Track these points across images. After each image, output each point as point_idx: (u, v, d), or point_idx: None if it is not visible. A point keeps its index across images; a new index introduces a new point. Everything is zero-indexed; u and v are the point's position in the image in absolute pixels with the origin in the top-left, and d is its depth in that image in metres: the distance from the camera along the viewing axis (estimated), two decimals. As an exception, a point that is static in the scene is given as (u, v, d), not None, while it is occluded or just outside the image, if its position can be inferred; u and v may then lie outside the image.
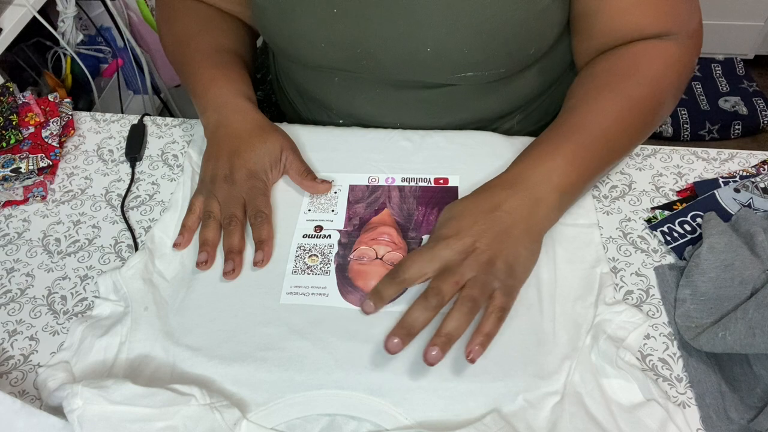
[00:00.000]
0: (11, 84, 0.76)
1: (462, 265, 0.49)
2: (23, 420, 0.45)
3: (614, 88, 0.58)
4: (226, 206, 0.60)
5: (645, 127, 0.59)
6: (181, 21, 0.72)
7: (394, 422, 0.48)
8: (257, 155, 0.62)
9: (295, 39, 0.64)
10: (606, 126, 0.56)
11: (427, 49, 0.59)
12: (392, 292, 0.51)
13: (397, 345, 0.47)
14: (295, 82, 0.76)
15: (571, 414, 0.48)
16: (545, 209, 0.53)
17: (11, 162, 0.69)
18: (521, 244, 0.51)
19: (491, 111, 0.70)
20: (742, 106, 1.78)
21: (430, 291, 0.48)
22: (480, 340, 0.47)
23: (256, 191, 0.60)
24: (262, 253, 0.57)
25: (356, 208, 0.63)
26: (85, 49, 1.41)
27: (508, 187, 0.54)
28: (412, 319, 0.48)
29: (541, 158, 0.55)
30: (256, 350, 0.52)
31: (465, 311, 0.47)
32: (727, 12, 1.76)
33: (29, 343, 0.56)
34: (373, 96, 0.69)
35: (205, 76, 0.67)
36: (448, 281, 0.48)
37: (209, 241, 0.58)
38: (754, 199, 0.59)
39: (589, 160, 0.55)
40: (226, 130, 0.63)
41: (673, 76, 0.59)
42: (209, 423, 0.46)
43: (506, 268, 0.50)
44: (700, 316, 0.52)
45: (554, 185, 0.54)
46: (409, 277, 0.50)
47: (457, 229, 0.51)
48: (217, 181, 0.61)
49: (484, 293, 0.48)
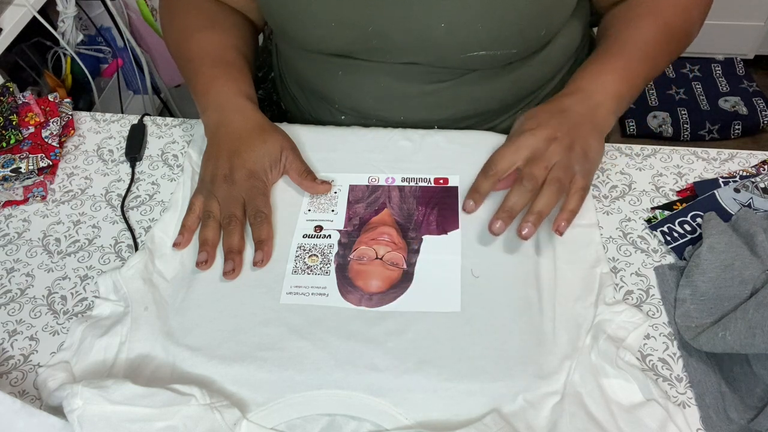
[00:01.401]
0: (11, 84, 0.76)
1: (548, 151, 0.56)
2: (23, 420, 0.45)
3: (649, 16, 0.65)
4: (225, 206, 0.60)
5: (678, 49, 0.67)
6: (184, 16, 0.72)
7: (394, 422, 0.48)
8: (257, 155, 0.62)
9: (304, 20, 0.63)
10: (648, 46, 0.64)
11: (440, 26, 0.59)
12: (489, 186, 0.57)
13: (501, 227, 0.54)
14: (298, 76, 0.76)
15: (571, 414, 0.48)
16: (604, 112, 0.61)
17: (11, 162, 0.69)
18: (591, 136, 0.59)
19: (493, 103, 0.70)
20: (742, 106, 1.78)
21: (525, 176, 0.55)
22: (566, 216, 0.54)
23: (256, 191, 0.60)
24: (261, 252, 0.57)
25: (356, 208, 0.63)
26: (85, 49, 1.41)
27: (572, 95, 0.61)
28: (512, 203, 0.54)
29: (597, 72, 0.63)
30: (256, 350, 0.52)
31: (554, 190, 0.54)
32: (727, 12, 1.76)
33: (29, 343, 0.56)
34: (376, 89, 0.69)
35: (207, 74, 0.66)
36: (539, 166, 0.55)
37: (209, 241, 0.58)
38: (754, 199, 0.59)
39: (636, 73, 0.63)
40: (226, 130, 0.64)
41: (698, 7, 0.68)
42: (209, 423, 0.46)
43: (583, 153, 0.57)
44: (700, 316, 0.52)
45: (610, 94, 0.61)
46: (501, 168, 0.57)
47: (537, 123, 0.59)
48: (216, 180, 0.61)
49: (567, 175, 0.55)
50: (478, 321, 0.53)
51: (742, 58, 1.90)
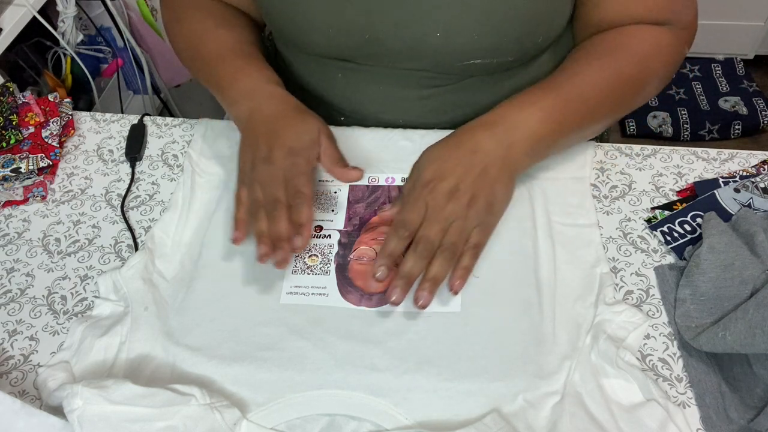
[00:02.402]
0: (11, 84, 0.76)
1: (446, 210, 0.54)
2: (23, 420, 0.45)
3: (604, 60, 0.61)
4: (267, 189, 0.57)
5: (626, 101, 0.62)
6: (192, 19, 0.71)
7: (394, 422, 0.48)
8: (296, 132, 0.59)
9: (302, 25, 0.63)
10: (587, 91, 0.59)
11: (437, 34, 0.59)
12: (402, 247, 0.54)
13: (400, 295, 0.51)
14: (297, 78, 0.76)
15: (571, 414, 0.48)
16: (518, 152, 0.57)
17: (11, 162, 0.69)
18: (498, 182, 0.56)
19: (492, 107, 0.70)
20: (742, 106, 1.78)
21: (420, 241, 0.53)
22: (460, 274, 0.52)
23: (297, 169, 0.57)
24: (300, 237, 0.54)
25: (356, 208, 0.63)
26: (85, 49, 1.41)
27: (487, 128, 0.57)
28: (408, 269, 0.52)
29: (521, 106, 0.58)
30: (256, 350, 0.52)
31: (447, 257, 0.52)
32: (727, 12, 1.76)
33: (29, 343, 0.56)
34: (375, 93, 0.69)
35: (231, 67, 0.65)
36: (435, 229, 0.53)
37: (263, 232, 0.55)
38: (754, 199, 0.59)
39: (567, 117, 0.59)
40: (261, 115, 0.61)
41: (661, 59, 0.62)
42: (209, 423, 0.46)
43: (486, 206, 0.55)
44: (700, 316, 0.52)
45: (530, 132, 0.57)
46: (413, 228, 0.54)
47: (441, 171, 0.55)
48: (257, 164, 0.58)
49: (462, 237, 0.53)
50: (478, 321, 0.53)
51: (742, 58, 1.90)
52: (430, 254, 0.52)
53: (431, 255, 0.52)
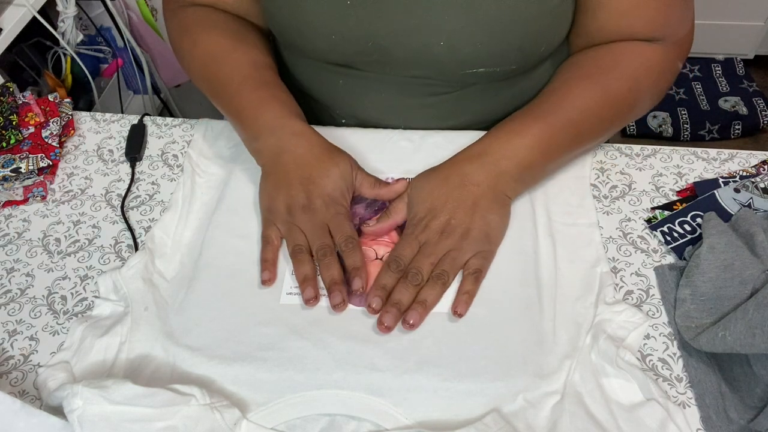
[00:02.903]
0: (11, 84, 0.76)
1: (438, 245, 0.55)
2: (23, 420, 0.45)
3: (593, 80, 0.61)
4: (314, 236, 0.57)
5: (616, 120, 0.62)
6: (207, 37, 0.68)
7: (394, 422, 0.48)
8: (333, 180, 0.59)
9: (305, 31, 0.63)
10: (577, 114, 0.59)
11: (440, 43, 0.59)
12: (394, 281, 0.55)
13: (391, 321, 0.52)
14: (299, 82, 0.76)
15: (571, 413, 0.48)
16: (508, 181, 0.58)
17: (11, 162, 0.69)
18: (491, 212, 0.57)
19: (494, 114, 0.70)
20: (742, 106, 1.78)
21: (410, 272, 0.54)
22: (464, 299, 0.53)
23: (340, 217, 0.58)
24: (360, 280, 0.54)
25: (356, 209, 0.63)
26: (85, 49, 1.41)
27: (475, 160, 0.58)
28: (398, 298, 0.53)
29: (509, 135, 0.59)
30: (256, 350, 0.52)
31: (439, 284, 0.54)
32: (727, 12, 1.76)
33: (29, 343, 0.56)
34: (377, 101, 0.69)
35: (252, 98, 0.63)
36: (426, 261, 0.54)
37: (310, 276, 0.55)
38: (754, 199, 0.59)
39: (556, 142, 0.59)
40: (291, 156, 0.60)
41: (652, 77, 0.62)
42: (209, 423, 0.46)
43: (482, 236, 0.55)
44: (700, 316, 0.52)
45: (518, 160, 0.57)
46: (405, 263, 0.55)
47: (431, 208, 0.57)
48: (295, 212, 0.58)
49: (455, 266, 0.55)
50: (478, 321, 0.53)
51: (742, 58, 1.90)
52: (419, 282, 0.53)
53: (420, 283, 0.53)
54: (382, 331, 0.52)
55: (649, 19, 0.60)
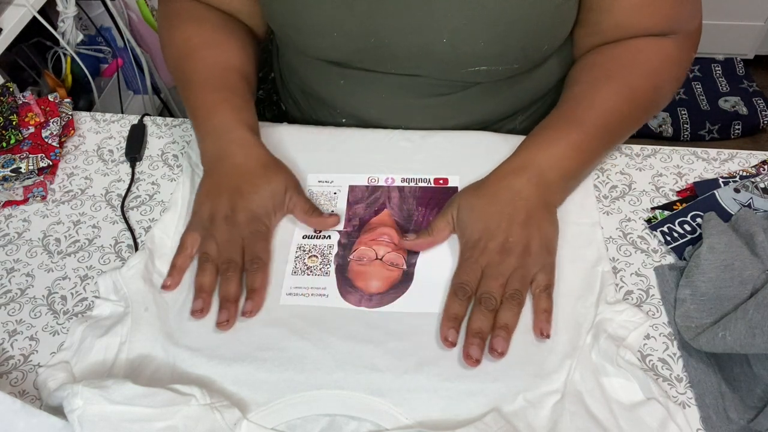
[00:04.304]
0: (11, 84, 0.76)
1: (502, 265, 0.53)
2: (23, 420, 0.45)
3: (616, 79, 0.61)
4: (224, 250, 0.56)
5: (642, 116, 0.63)
6: (184, 28, 0.68)
7: (395, 422, 0.48)
8: (261, 197, 0.59)
9: (306, 28, 0.62)
10: (608, 115, 0.59)
11: (443, 40, 0.58)
12: (464, 309, 0.52)
13: (477, 352, 0.49)
14: (299, 80, 0.76)
15: (572, 413, 0.48)
16: (554, 192, 0.58)
17: (11, 162, 0.69)
18: (544, 223, 0.56)
19: (495, 114, 0.70)
20: (742, 106, 1.78)
21: (483, 299, 0.52)
22: (544, 317, 0.52)
23: (258, 236, 0.58)
24: (251, 302, 0.54)
25: (356, 209, 0.63)
26: (85, 49, 1.41)
27: (520, 173, 0.57)
28: (478, 327, 0.50)
29: (549, 144, 0.58)
30: (256, 350, 0.52)
31: (514, 305, 0.52)
32: (727, 12, 1.76)
33: (29, 343, 0.56)
34: (378, 100, 0.69)
35: (207, 100, 0.63)
36: (495, 284, 0.52)
37: (206, 287, 0.55)
38: (754, 199, 0.59)
39: (592, 148, 0.59)
40: (227, 164, 0.60)
41: (672, 71, 0.63)
42: (209, 423, 0.46)
43: (541, 250, 0.54)
44: (700, 316, 0.52)
45: (562, 172, 0.58)
46: (472, 288, 0.53)
47: (485, 228, 0.55)
48: (216, 221, 0.58)
49: (525, 284, 0.53)
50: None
51: (742, 58, 1.90)
52: (494, 307, 0.51)
53: (496, 308, 0.51)
54: (471, 364, 0.49)
55: (662, 13, 0.60)
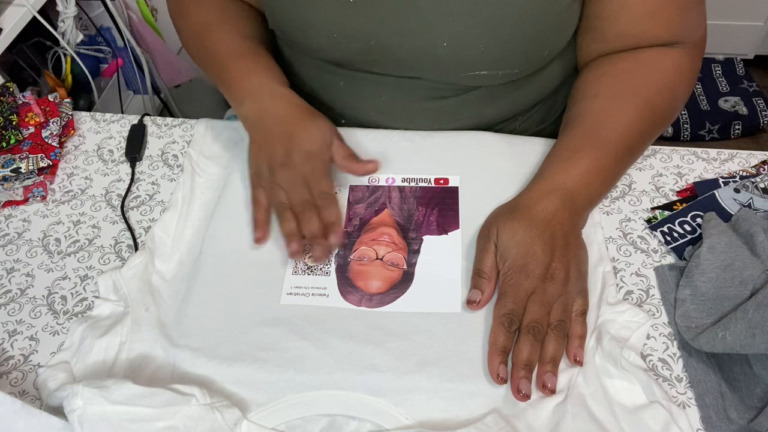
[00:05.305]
0: (11, 84, 0.76)
1: (546, 293, 0.52)
2: (23, 420, 0.45)
3: (636, 96, 0.60)
4: (294, 193, 0.59)
5: (658, 131, 0.63)
6: (197, 11, 0.71)
7: (395, 422, 0.48)
8: (311, 136, 0.61)
9: (306, 28, 0.63)
10: (630, 137, 0.59)
11: (443, 44, 0.58)
12: (511, 342, 0.51)
13: (527, 385, 0.48)
14: (298, 82, 0.76)
15: (574, 415, 0.48)
16: (582, 217, 0.58)
17: (11, 162, 0.69)
18: (579, 248, 0.56)
19: (495, 117, 0.70)
20: (742, 106, 1.78)
21: (530, 328, 0.51)
22: (578, 343, 0.51)
23: (318, 172, 0.60)
24: (335, 235, 0.57)
25: (356, 209, 0.63)
26: (85, 49, 1.41)
27: (552, 196, 0.56)
28: (526, 357, 0.49)
29: (575, 167, 0.58)
30: (256, 350, 0.52)
31: (560, 336, 0.51)
32: (727, 12, 1.76)
33: (29, 343, 0.56)
34: (378, 102, 0.69)
35: (238, 65, 0.66)
36: (540, 312, 0.51)
37: (294, 231, 0.58)
38: (754, 199, 0.59)
39: (617, 170, 0.60)
40: (272, 117, 0.63)
41: (685, 83, 0.63)
42: (210, 423, 0.46)
43: (579, 276, 0.54)
44: (700, 316, 0.52)
45: (589, 198, 0.58)
46: (517, 318, 0.52)
47: (531, 253, 0.53)
48: (276, 169, 0.60)
49: (568, 312, 0.52)
50: (478, 321, 0.53)
51: (742, 58, 1.90)
52: (541, 337, 0.51)
53: (542, 337, 0.51)
54: (521, 400, 0.48)
55: (669, 22, 0.60)
